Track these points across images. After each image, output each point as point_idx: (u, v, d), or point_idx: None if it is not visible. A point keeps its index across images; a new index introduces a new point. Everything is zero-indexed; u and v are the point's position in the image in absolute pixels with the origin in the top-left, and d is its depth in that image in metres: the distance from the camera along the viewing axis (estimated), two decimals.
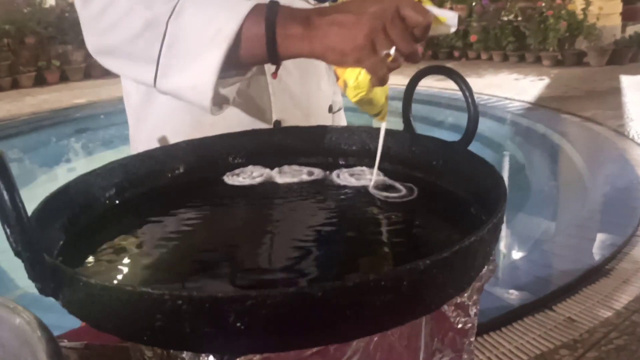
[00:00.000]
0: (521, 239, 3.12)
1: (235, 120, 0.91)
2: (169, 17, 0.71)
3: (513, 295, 2.31)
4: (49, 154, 5.94)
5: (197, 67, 0.70)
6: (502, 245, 3.05)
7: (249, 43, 0.69)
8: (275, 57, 0.70)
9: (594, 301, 2.27)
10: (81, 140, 6.51)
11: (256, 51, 0.70)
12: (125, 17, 0.74)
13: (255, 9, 0.69)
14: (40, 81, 8.66)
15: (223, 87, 0.76)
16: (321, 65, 1.06)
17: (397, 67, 0.64)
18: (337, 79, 0.70)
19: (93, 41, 0.79)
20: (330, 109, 1.08)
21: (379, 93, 0.70)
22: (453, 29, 0.66)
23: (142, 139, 0.98)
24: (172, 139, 0.88)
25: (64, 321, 0.70)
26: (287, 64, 0.91)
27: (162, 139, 0.92)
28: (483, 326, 2.09)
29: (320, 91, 1.04)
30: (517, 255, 2.88)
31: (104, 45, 0.78)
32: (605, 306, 2.23)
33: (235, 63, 0.71)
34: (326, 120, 1.06)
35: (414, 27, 0.61)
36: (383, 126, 0.76)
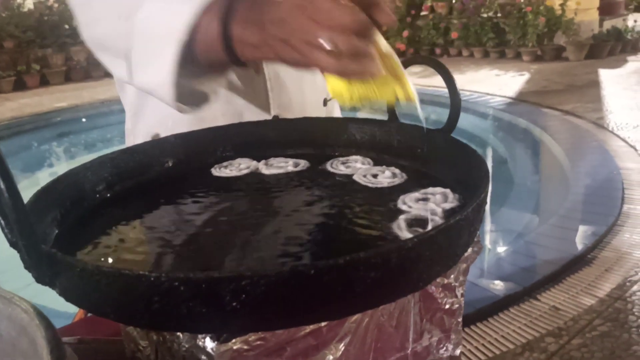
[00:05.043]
0: (505, 230, 3.17)
1: (234, 117, 0.92)
2: (137, 10, 0.69)
3: (498, 286, 2.35)
4: (30, 158, 5.90)
5: (157, 63, 0.67)
6: (487, 237, 3.08)
7: (207, 43, 0.64)
8: (238, 62, 0.65)
9: (578, 290, 2.31)
10: (63, 144, 6.47)
11: (216, 51, 0.64)
12: (103, 9, 0.73)
13: (213, 2, 0.63)
14: (20, 85, 8.58)
15: (199, 84, 0.73)
16: None
17: (356, 50, 0.53)
18: None
19: (82, 33, 0.78)
20: (325, 102, 1.09)
21: (377, 81, 0.57)
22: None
23: (139, 133, 0.99)
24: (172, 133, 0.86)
25: None
26: None
27: (161, 133, 0.91)
28: (470, 317, 2.12)
29: (315, 85, 1.05)
30: (501, 246, 2.92)
31: (89, 37, 0.77)
32: (588, 294, 2.27)
33: (202, 59, 0.67)
34: (321, 113, 1.08)
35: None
36: (418, 107, 0.62)
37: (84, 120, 6.89)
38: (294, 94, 0.99)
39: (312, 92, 1.04)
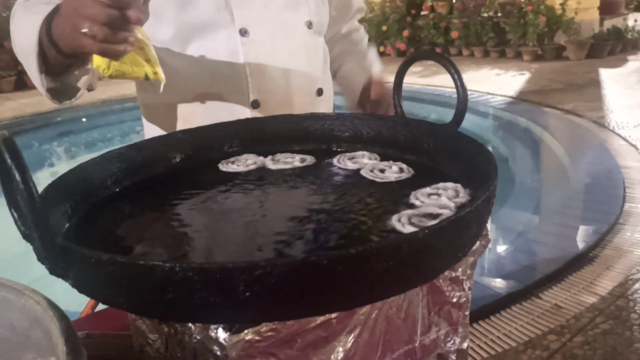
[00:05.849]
0: (507, 229, 3.16)
1: (215, 99, 0.99)
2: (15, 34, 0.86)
3: (500, 284, 2.35)
4: (31, 158, 5.89)
5: (34, 77, 0.83)
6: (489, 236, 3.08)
7: (48, 47, 0.79)
8: (68, 55, 0.78)
9: (579, 288, 2.32)
10: (64, 143, 6.46)
11: (53, 51, 0.78)
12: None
13: (47, 16, 0.78)
14: (20, 85, 8.54)
15: (66, 78, 0.86)
16: (315, 49, 1.08)
17: (104, 35, 0.69)
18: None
19: None
20: (320, 92, 1.09)
21: (131, 61, 0.79)
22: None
23: (150, 124, 1.06)
24: (174, 121, 0.99)
25: None
26: (265, 45, 0.95)
27: (155, 122, 1.00)
28: (472, 314, 2.11)
29: (305, 74, 1.05)
30: (503, 245, 2.92)
31: None
32: (590, 292, 2.28)
33: (56, 61, 0.80)
34: (312, 103, 1.07)
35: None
36: (161, 86, 0.85)
37: (84, 120, 6.88)
38: (278, 81, 1.00)
39: (301, 80, 1.05)
